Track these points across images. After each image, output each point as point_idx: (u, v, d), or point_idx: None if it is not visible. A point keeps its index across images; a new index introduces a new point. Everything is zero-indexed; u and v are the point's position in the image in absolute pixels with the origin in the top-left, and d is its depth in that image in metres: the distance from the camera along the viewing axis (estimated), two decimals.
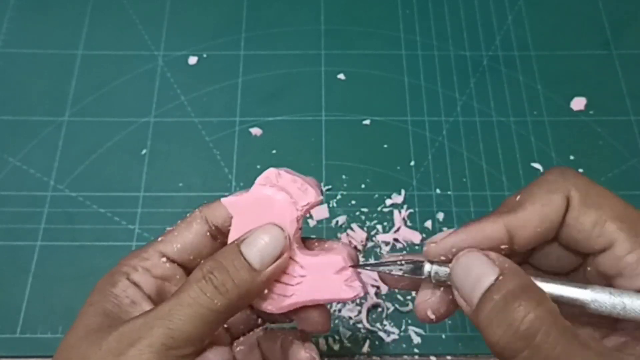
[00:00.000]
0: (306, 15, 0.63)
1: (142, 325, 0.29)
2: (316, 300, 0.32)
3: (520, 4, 0.64)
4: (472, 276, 0.27)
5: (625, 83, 0.59)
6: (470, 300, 0.27)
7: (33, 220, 0.52)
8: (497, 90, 0.59)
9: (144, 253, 0.34)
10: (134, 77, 0.60)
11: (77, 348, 0.29)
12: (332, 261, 0.32)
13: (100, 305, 0.31)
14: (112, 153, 0.55)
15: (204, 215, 0.34)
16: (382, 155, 0.55)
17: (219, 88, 0.59)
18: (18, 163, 0.55)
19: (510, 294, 0.26)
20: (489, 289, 0.26)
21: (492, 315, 0.26)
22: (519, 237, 0.29)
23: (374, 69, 0.60)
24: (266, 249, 0.30)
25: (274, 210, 0.32)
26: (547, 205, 0.28)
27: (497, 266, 0.27)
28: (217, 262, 0.30)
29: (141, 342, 0.29)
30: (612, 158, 0.55)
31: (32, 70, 0.60)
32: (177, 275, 0.34)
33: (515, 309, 0.25)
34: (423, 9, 0.64)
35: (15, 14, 0.63)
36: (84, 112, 0.58)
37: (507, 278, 0.26)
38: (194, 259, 0.34)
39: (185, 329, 0.29)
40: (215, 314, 0.29)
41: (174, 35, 0.62)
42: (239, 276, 0.30)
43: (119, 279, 0.33)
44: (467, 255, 0.28)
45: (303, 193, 0.32)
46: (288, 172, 0.33)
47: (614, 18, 0.63)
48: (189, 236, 0.34)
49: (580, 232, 0.28)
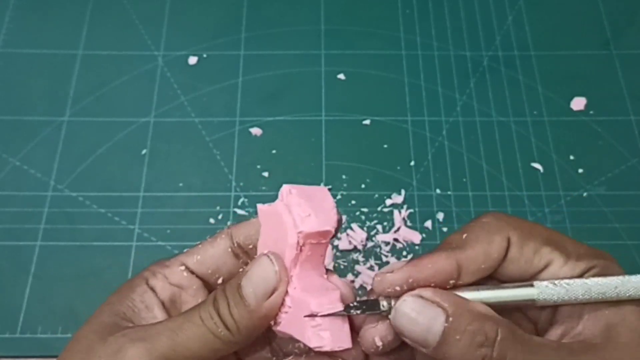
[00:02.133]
0: (306, 15, 0.63)
1: (149, 329, 0.30)
2: (296, 338, 0.30)
3: (520, 4, 0.64)
4: (420, 324, 0.28)
5: (625, 83, 0.59)
6: (425, 344, 0.28)
7: (33, 220, 0.52)
8: (497, 90, 0.59)
9: (166, 261, 0.35)
10: (134, 77, 0.60)
11: (85, 338, 0.30)
12: (307, 302, 0.29)
13: (117, 307, 0.32)
14: (112, 153, 0.55)
15: (230, 232, 0.34)
16: (382, 155, 0.55)
17: (219, 88, 0.59)
18: (18, 163, 0.55)
19: (471, 329, 0.28)
20: (446, 332, 0.28)
21: (461, 352, 0.28)
22: (465, 272, 0.30)
23: (374, 69, 0.60)
24: (258, 286, 0.30)
25: (282, 230, 0.31)
26: (491, 245, 0.31)
27: (439, 307, 0.28)
28: (222, 293, 0.30)
29: (143, 344, 0.29)
30: (612, 158, 0.55)
31: (32, 70, 0.60)
32: (194, 286, 0.34)
33: (483, 341, 0.27)
34: (423, 9, 0.64)
35: (15, 14, 0.63)
36: (84, 112, 0.58)
37: (458, 316, 0.28)
38: (212, 273, 0.34)
39: (188, 346, 0.29)
40: (219, 341, 0.30)
41: (174, 35, 0.62)
42: (236, 312, 0.30)
43: (138, 283, 0.33)
44: (405, 304, 0.29)
45: (303, 219, 0.30)
46: (302, 192, 0.31)
47: (614, 18, 0.63)
48: (210, 250, 0.34)
49: (525, 262, 0.31)
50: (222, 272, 0.34)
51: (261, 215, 0.33)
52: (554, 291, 0.30)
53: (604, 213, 0.52)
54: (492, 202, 0.53)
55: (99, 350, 0.29)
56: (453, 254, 0.30)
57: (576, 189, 0.54)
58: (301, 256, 0.30)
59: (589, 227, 0.52)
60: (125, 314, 0.32)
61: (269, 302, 0.30)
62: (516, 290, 0.30)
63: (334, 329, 0.30)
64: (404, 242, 0.51)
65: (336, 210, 0.31)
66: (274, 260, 0.30)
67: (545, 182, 0.54)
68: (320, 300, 0.29)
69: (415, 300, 0.29)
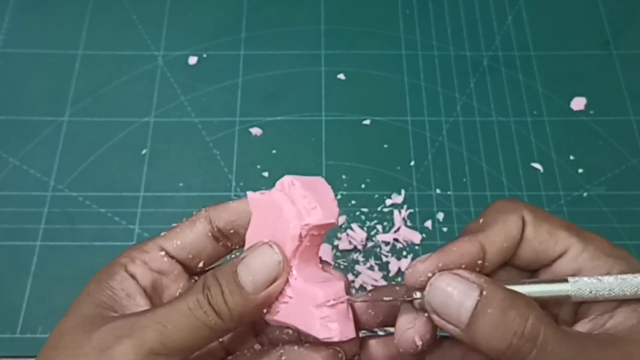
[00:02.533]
0: (306, 15, 0.63)
1: (135, 323, 0.29)
2: (296, 328, 0.30)
3: (520, 4, 0.64)
4: (455, 298, 0.28)
5: (625, 83, 0.59)
6: (458, 321, 0.28)
7: (33, 220, 0.52)
8: (497, 90, 0.59)
9: (144, 246, 0.34)
10: (134, 77, 0.60)
11: (68, 335, 0.30)
12: (314, 294, 0.29)
13: (97, 297, 0.32)
14: (112, 153, 0.55)
15: (209, 215, 0.34)
16: (382, 155, 0.55)
17: (219, 88, 0.59)
18: (18, 163, 0.55)
19: (503, 304, 0.27)
20: (478, 306, 0.27)
21: (492, 327, 0.27)
22: (489, 252, 0.31)
23: (374, 69, 0.60)
24: (259, 274, 0.30)
25: (281, 221, 0.31)
26: (508, 224, 0.31)
27: (474, 282, 0.28)
28: (215, 280, 0.30)
29: (131, 340, 0.28)
30: (612, 158, 0.55)
31: (32, 70, 0.60)
32: (175, 271, 0.34)
33: (515, 316, 0.27)
34: (423, 9, 0.64)
35: (15, 14, 0.63)
36: (84, 112, 0.58)
37: (492, 291, 0.28)
38: (193, 257, 0.34)
39: (176, 337, 0.29)
40: (209, 330, 0.29)
41: (174, 35, 0.62)
42: (231, 299, 0.29)
43: (117, 270, 0.33)
44: (441, 279, 0.29)
45: (309, 211, 0.30)
46: (305, 184, 0.31)
47: (614, 18, 0.63)
48: (190, 234, 0.34)
49: (541, 243, 0.31)
50: (203, 256, 0.34)
51: (253, 204, 0.33)
52: (591, 285, 0.29)
53: (604, 213, 0.52)
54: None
55: (85, 348, 0.29)
56: (475, 237, 0.31)
57: (576, 189, 0.54)
58: (301, 247, 0.30)
59: (589, 227, 0.50)
60: (106, 303, 0.31)
61: (268, 290, 0.30)
62: (549, 286, 0.30)
63: (341, 320, 0.30)
64: (404, 242, 0.51)
65: (337, 202, 0.31)
66: (277, 249, 0.30)
67: (545, 182, 0.54)
68: (326, 291, 0.29)
69: (450, 275, 0.29)
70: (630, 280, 0.29)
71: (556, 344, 0.27)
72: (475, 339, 0.28)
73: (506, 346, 0.27)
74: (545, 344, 0.27)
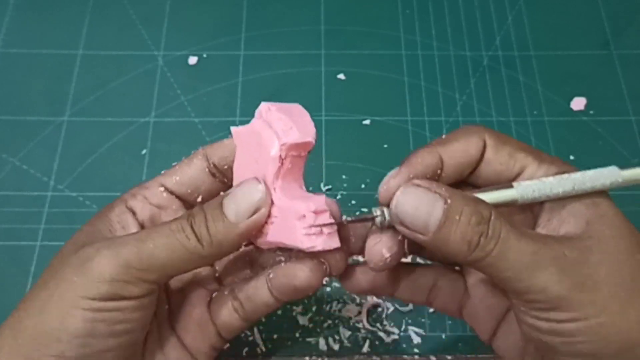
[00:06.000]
0: (306, 15, 0.63)
1: (117, 239, 0.32)
2: (284, 244, 0.32)
3: (520, 4, 0.64)
4: (421, 209, 0.30)
5: (625, 83, 0.59)
6: (425, 230, 0.30)
7: (33, 220, 0.52)
8: (497, 90, 0.59)
9: (146, 183, 0.36)
10: (134, 77, 0.60)
11: (62, 254, 0.33)
12: (296, 207, 0.31)
13: (95, 226, 0.34)
14: (112, 153, 0.55)
15: (205, 152, 0.36)
16: (382, 155, 0.55)
17: (219, 88, 0.59)
18: (18, 163, 0.55)
19: (467, 210, 0.30)
20: (444, 213, 0.29)
21: (458, 231, 0.29)
22: (447, 165, 0.33)
23: (374, 69, 0.60)
24: (242, 204, 0.31)
25: (262, 146, 0.32)
26: (469, 143, 0.33)
27: (437, 193, 0.30)
28: (201, 209, 0.32)
29: (109, 251, 0.31)
30: (612, 158, 0.55)
31: (32, 70, 0.60)
32: (174, 206, 0.36)
33: (479, 219, 0.29)
34: (423, 9, 0.64)
35: (15, 14, 0.63)
36: (84, 112, 0.58)
37: (455, 199, 0.30)
38: (191, 192, 0.36)
39: (154, 255, 0.31)
40: (187, 253, 0.31)
41: (174, 35, 0.62)
42: (213, 227, 0.31)
43: (117, 204, 0.35)
44: (406, 192, 0.31)
45: (286, 132, 0.32)
46: (281, 108, 0.33)
47: (614, 18, 0.63)
48: (188, 170, 0.36)
49: (501, 164, 0.33)
50: (201, 190, 0.36)
51: (236, 137, 0.35)
52: (534, 186, 0.32)
53: None
54: None
55: (70, 261, 0.31)
56: (434, 148, 0.33)
57: None
58: (283, 169, 0.32)
59: None
60: (101, 232, 0.34)
61: (251, 220, 0.31)
62: (497, 192, 0.32)
63: (323, 231, 0.31)
64: None
65: (313, 124, 0.33)
66: (261, 183, 0.32)
67: None
68: (307, 204, 0.31)
69: (414, 188, 0.31)
70: (567, 177, 0.32)
71: (516, 240, 0.29)
72: (442, 244, 0.30)
73: (473, 247, 0.29)
74: (506, 241, 0.29)
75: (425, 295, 0.38)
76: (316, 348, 0.46)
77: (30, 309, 0.31)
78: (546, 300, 0.29)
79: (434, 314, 0.48)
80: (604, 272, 0.29)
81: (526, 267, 0.29)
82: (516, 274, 0.29)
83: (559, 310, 0.29)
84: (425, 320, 0.48)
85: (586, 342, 0.29)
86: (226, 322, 0.36)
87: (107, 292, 0.30)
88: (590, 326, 0.29)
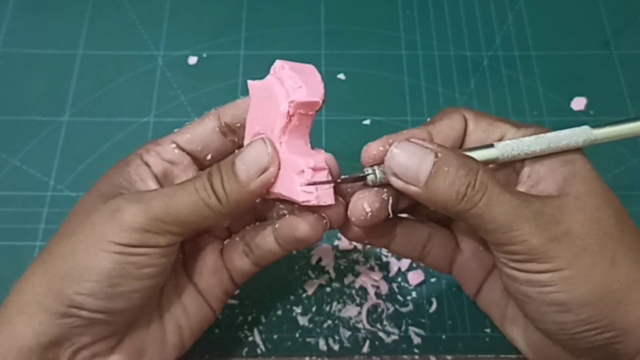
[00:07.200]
0: (306, 15, 0.63)
1: (146, 194, 0.34)
2: (284, 196, 0.33)
3: (520, 4, 0.64)
4: (413, 159, 0.32)
5: (625, 83, 0.59)
6: (417, 181, 0.32)
7: (33, 220, 0.52)
8: (497, 90, 0.59)
9: (158, 140, 0.39)
10: (134, 77, 0.60)
11: (87, 203, 0.35)
12: (296, 162, 0.33)
13: (114, 179, 0.36)
14: (112, 153, 0.55)
15: (218, 113, 0.38)
16: None
17: (219, 88, 0.59)
18: (18, 163, 0.55)
19: (456, 163, 0.32)
20: (435, 165, 0.32)
21: (448, 182, 0.32)
22: (436, 139, 0.36)
23: (374, 69, 0.60)
24: (251, 164, 0.33)
25: (272, 101, 0.34)
26: (452, 120, 0.37)
27: (428, 147, 0.33)
28: (217, 169, 0.34)
29: (140, 205, 0.33)
30: (612, 158, 0.55)
31: (32, 70, 0.60)
32: (185, 162, 0.38)
33: (467, 171, 0.32)
34: (423, 9, 0.64)
35: (15, 14, 0.63)
36: (84, 112, 0.58)
37: (445, 153, 0.32)
38: (202, 150, 0.38)
39: (181, 210, 0.33)
40: (209, 210, 0.33)
41: (174, 35, 0.62)
42: (228, 186, 0.33)
43: (133, 158, 0.38)
44: (400, 146, 0.33)
45: (295, 90, 0.33)
46: (294, 67, 0.34)
47: (614, 18, 0.63)
48: (199, 129, 0.38)
49: (483, 131, 0.37)
50: (211, 148, 0.38)
51: (252, 91, 0.36)
52: (513, 144, 0.35)
53: None
54: None
55: (100, 209, 0.33)
56: (423, 127, 0.36)
57: None
58: (290, 125, 0.34)
59: None
60: (121, 184, 0.36)
61: (260, 179, 0.33)
62: (480, 152, 0.35)
63: (320, 187, 0.33)
64: None
65: (323, 85, 0.34)
66: (268, 144, 0.33)
67: None
68: (307, 160, 0.33)
69: (407, 143, 0.33)
70: (543, 136, 0.35)
71: (501, 194, 0.32)
72: (432, 194, 0.32)
73: (460, 197, 0.31)
74: (492, 193, 0.32)
75: (419, 251, 0.39)
76: (316, 348, 0.46)
77: (61, 250, 0.33)
78: (525, 252, 0.32)
79: (434, 314, 0.48)
80: (578, 227, 0.32)
81: (509, 220, 0.31)
82: (499, 226, 0.32)
83: (536, 262, 0.32)
84: (425, 321, 0.48)
85: (559, 292, 0.32)
86: (238, 267, 0.39)
87: (137, 241, 0.33)
88: (562, 277, 0.32)
